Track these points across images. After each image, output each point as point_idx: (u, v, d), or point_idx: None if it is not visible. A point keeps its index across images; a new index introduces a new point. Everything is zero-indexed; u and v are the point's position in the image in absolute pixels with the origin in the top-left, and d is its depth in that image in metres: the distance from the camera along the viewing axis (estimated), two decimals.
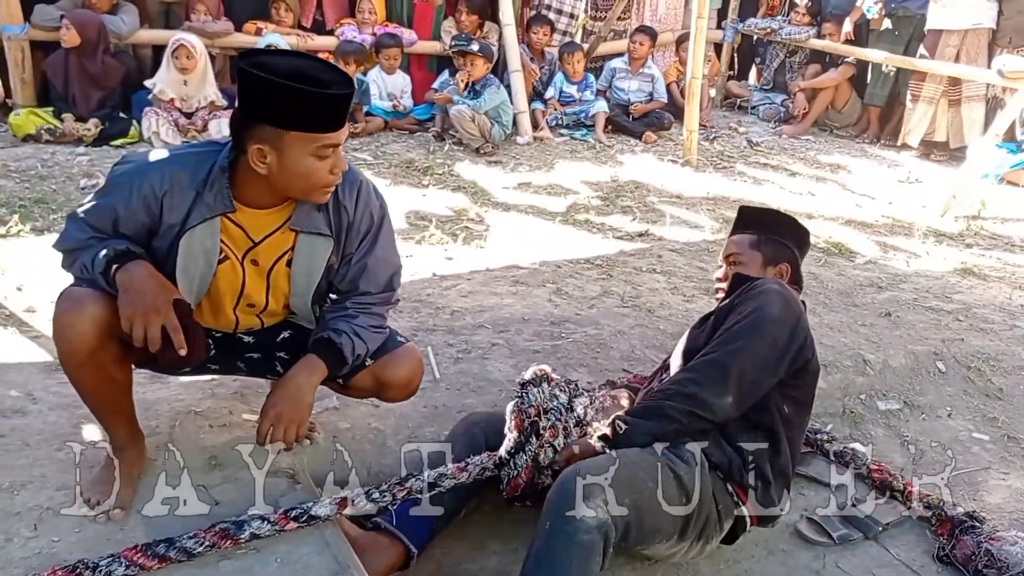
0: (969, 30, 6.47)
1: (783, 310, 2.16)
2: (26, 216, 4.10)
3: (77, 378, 2.02)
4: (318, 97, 1.80)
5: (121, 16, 5.83)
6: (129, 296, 1.87)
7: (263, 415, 2.05)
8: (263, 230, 2.04)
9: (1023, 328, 3.66)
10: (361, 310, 2.14)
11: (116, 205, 1.93)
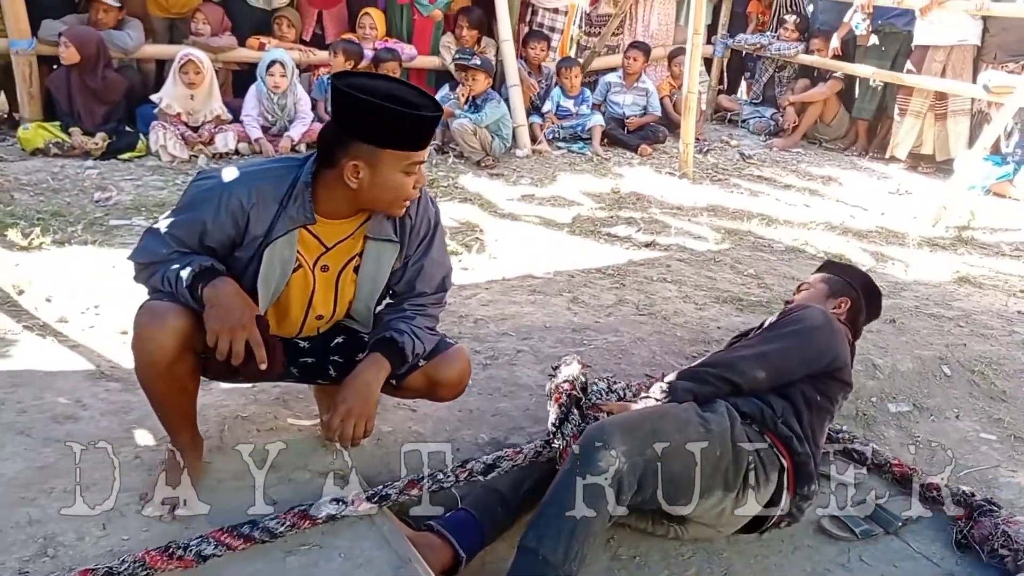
0: (955, 46, 6.68)
1: (824, 323, 2.39)
2: (46, 229, 4.15)
3: (153, 388, 2.11)
4: (413, 118, 1.92)
5: (127, 31, 5.89)
6: (216, 312, 1.96)
7: (334, 411, 2.10)
8: (336, 237, 2.14)
9: (1021, 334, 3.81)
10: (417, 311, 2.24)
11: (204, 218, 2.02)
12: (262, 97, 5.92)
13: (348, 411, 2.09)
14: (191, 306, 2.01)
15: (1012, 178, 6.39)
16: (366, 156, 1.95)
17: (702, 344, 3.38)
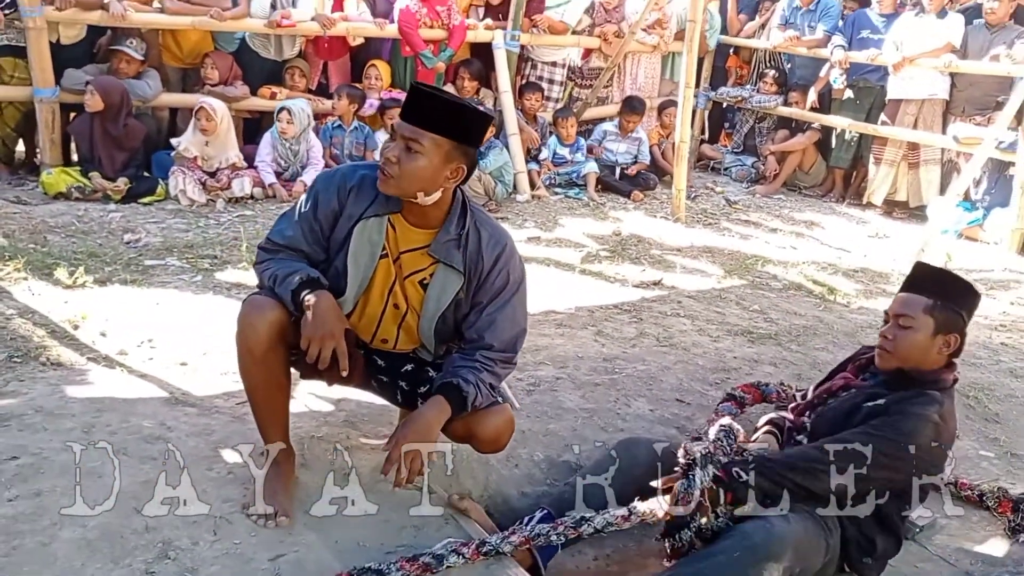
0: (926, 100, 7.14)
1: (931, 438, 2.33)
2: (87, 269, 4.32)
3: (250, 375, 2.36)
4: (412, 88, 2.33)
5: (146, 81, 6.12)
6: (313, 320, 2.22)
7: (394, 444, 2.26)
8: (408, 244, 2.39)
9: (1007, 363, 4.14)
10: (486, 366, 2.36)
11: (319, 189, 2.38)
12: (276, 143, 6.17)
13: (407, 447, 2.24)
14: (288, 306, 2.27)
15: (982, 222, 6.81)
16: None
17: (722, 372, 3.65)
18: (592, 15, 7.83)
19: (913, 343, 2.45)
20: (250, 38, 6.73)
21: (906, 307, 2.48)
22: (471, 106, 2.35)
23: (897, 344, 2.48)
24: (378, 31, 6.89)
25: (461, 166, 2.30)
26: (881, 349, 2.54)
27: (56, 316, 3.74)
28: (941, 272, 2.66)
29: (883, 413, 2.39)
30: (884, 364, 2.53)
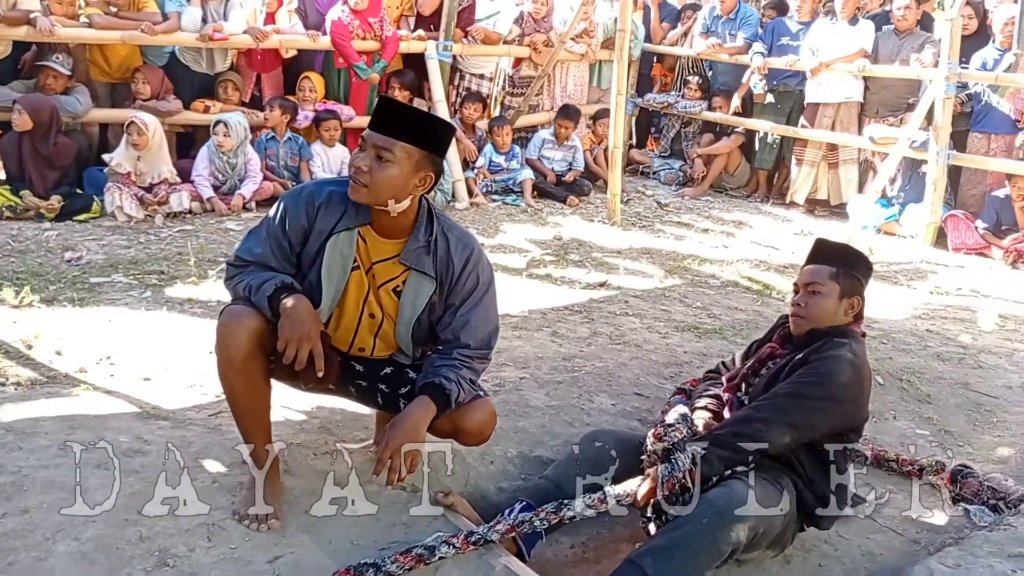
0: (842, 103, 7.51)
1: (851, 377, 2.55)
2: (34, 288, 4.24)
3: (232, 383, 2.40)
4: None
5: (75, 96, 6.01)
6: (290, 322, 2.29)
7: (384, 446, 2.34)
8: (379, 254, 2.46)
9: (934, 347, 4.41)
10: (464, 364, 2.47)
11: (287, 206, 2.43)
12: (213, 157, 6.12)
13: (397, 447, 2.34)
14: (265, 313, 2.33)
15: (898, 218, 7.19)
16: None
17: (675, 366, 3.81)
18: (521, 25, 7.98)
19: (823, 307, 2.70)
20: (180, 52, 6.66)
21: (814, 276, 2.74)
22: (438, 117, 2.46)
23: (809, 310, 2.73)
24: (311, 43, 6.90)
25: (429, 174, 2.39)
26: (795, 316, 2.78)
27: (7, 336, 3.68)
28: (840, 245, 2.97)
29: (803, 365, 2.63)
30: (798, 329, 2.76)
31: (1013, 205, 6.58)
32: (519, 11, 8.02)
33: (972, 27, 7.10)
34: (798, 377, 2.58)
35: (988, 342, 4.63)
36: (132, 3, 6.20)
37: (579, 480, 2.63)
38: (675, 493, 2.42)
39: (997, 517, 2.90)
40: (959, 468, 3.14)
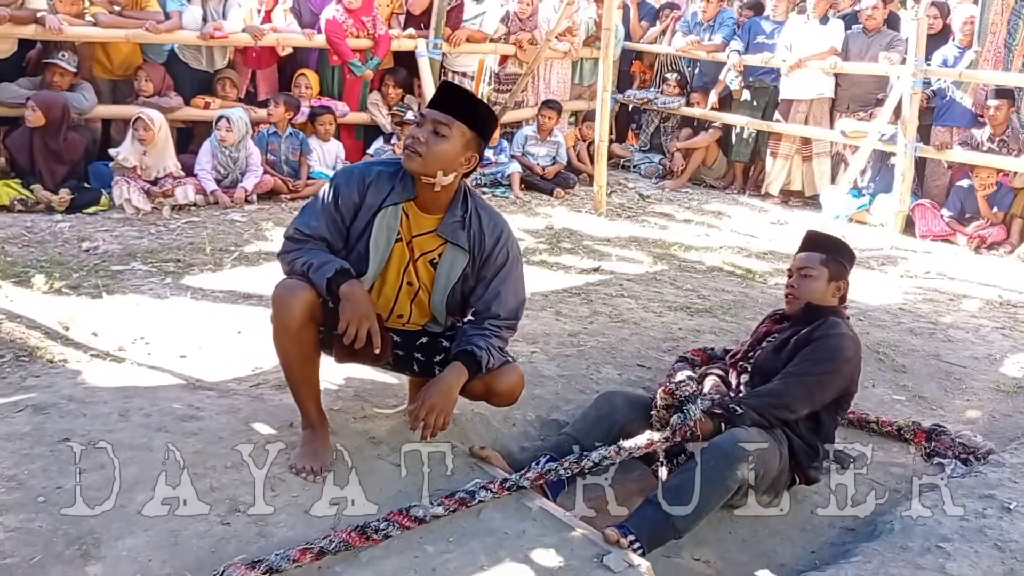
0: (815, 99, 7.88)
1: (853, 353, 2.96)
2: (62, 275, 4.44)
3: (287, 350, 2.66)
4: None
5: (81, 93, 6.19)
6: (350, 305, 2.54)
7: (420, 405, 2.61)
8: (419, 228, 2.72)
9: (906, 324, 4.76)
10: (494, 332, 2.73)
11: (339, 185, 2.68)
12: (215, 151, 6.33)
13: (432, 407, 2.60)
14: (320, 289, 2.58)
15: (868, 207, 7.56)
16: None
17: (672, 341, 4.11)
18: (507, 24, 8.24)
19: (814, 288, 3.10)
20: (180, 50, 6.86)
21: (807, 261, 3.14)
22: (490, 107, 2.73)
23: (801, 291, 3.12)
24: (307, 41, 7.13)
25: (475, 155, 2.67)
26: (790, 296, 3.17)
27: (44, 319, 3.88)
28: (828, 235, 3.39)
29: (807, 342, 2.98)
30: (792, 308, 3.16)
31: (976, 195, 6.98)
32: (505, 10, 8.28)
33: (938, 26, 7.49)
34: (809, 355, 2.93)
35: (955, 319, 4.99)
36: (135, 2, 6.40)
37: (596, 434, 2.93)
38: (686, 439, 2.72)
39: (968, 468, 3.23)
40: (933, 427, 3.48)
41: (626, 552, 2.38)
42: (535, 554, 2.37)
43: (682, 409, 2.77)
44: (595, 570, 2.32)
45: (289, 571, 2.20)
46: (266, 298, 4.29)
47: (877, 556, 2.58)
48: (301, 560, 2.22)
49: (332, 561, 2.28)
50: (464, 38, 7.86)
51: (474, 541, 2.41)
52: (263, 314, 4.09)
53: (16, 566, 2.16)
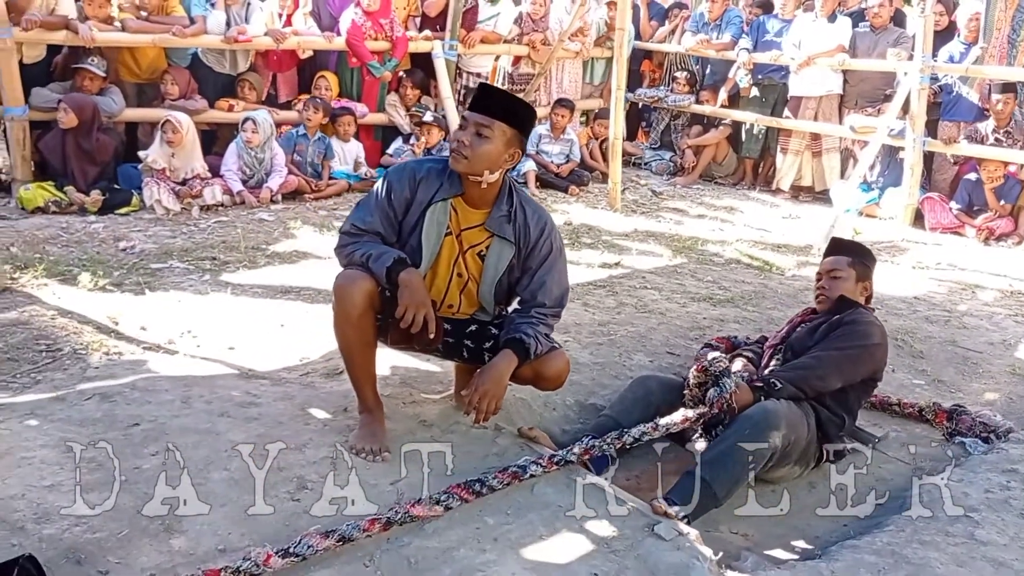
0: (824, 95, 8.02)
1: (881, 339, 3.20)
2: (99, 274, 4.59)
3: (347, 337, 2.81)
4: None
5: (111, 96, 6.34)
6: (409, 292, 2.70)
7: (473, 391, 2.76)
8: (468, 222, 2.87)
9: (922, 312, 4.91)
10: (540, 320, 2.87)
11: (392, 182, 2.83)
12: (241, 152, 6.48)
13: (484, 392, 2.75)
14: (379, 278, 2.73)
15: (878, 201, 7.71)
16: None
17: (698, 330, 4.25)
18: (520, 25, 8.39)
19: (844, 288, 3.34)
20: (203, 53, 7.01)
21: (835, 264, 3.41)
22: (528, 103, 2.88)
23: (832, 291, 3.36)
24: (327, 44, 7.27)
25: (517, 151, 2.81)
26: (822, 296, 3.40)
27: (93, 315, 4.03)
28: (852, 241, 3.75)
29: (838, 327, 3.21)
30: (824, 308, 3.38)
31: (983, 187, 7.12)
32: (518, 12, 8.42)
33: (943, 23, 7.64)
34: (841, 335, 3.15)
35: (969, 307, 5.13)
36: (161, 8, 6.54)
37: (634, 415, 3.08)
38: (723, 411, 2.89)
39: (989, 446, 3.38)
40: (954, 408, 3.62)
41: (675, 521, 2.53)
42: (589, 525, 2.52)
43: (717, 384, 2.93)
44: (647, 538, 2.46)
45: (360, 540, 2.35)
46: (303, 292, 4.51)
47: (909, 525, 2.73)
48: (371, 530, 2.37)
49: (399, 532, 2.42)
50: (479, 39, 8.00)
51: (531, 513, 2.56)
52: (303, 308, 4.30)
53: (105, 540, 2.30)
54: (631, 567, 2.35)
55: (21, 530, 2.26)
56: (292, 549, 2.25)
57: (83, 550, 2.25)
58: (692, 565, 2.37)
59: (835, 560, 2.55)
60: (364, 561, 2.31)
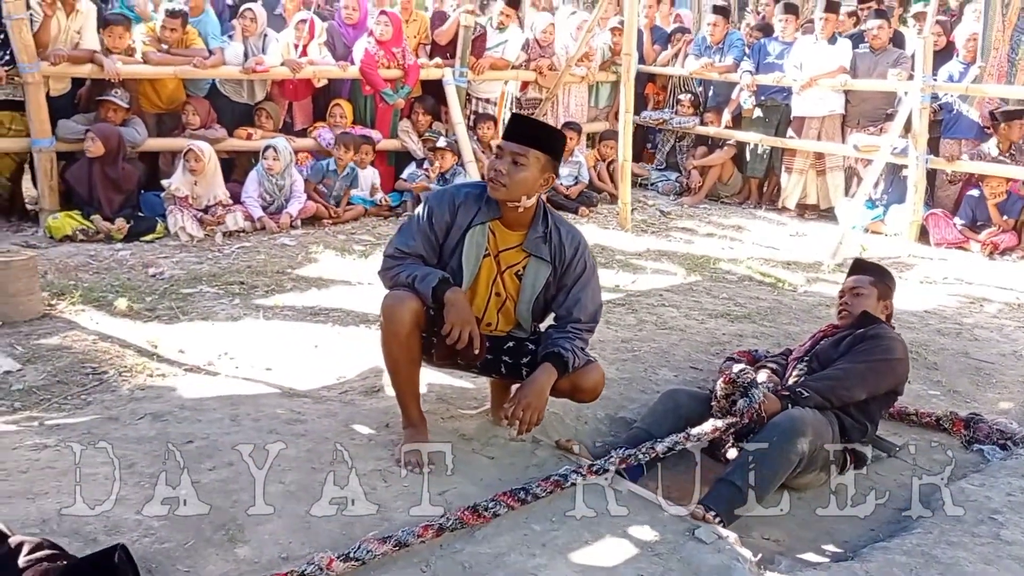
0: (826, 116, 8.19)
1: (903, 354, 3.35)
2: (133, 300, 4.71)
3: (395, 354, 2.94)
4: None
5: (134, 127, 6.50)
6: (455, 310, 2.83)
7: (516, 404, 2.88)
8: (505, 244, 3.01)
9: (934, 325, 5.03)
10: (576, 334, 3.01)
11: (433, 207, 2.97)
12: (262, 179, 6.63)
13: (527, 404, 2.88)
14: (425, 299, 2.86)
15: (883, 218, 7.86)
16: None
17: (718, 345, 4.38)
18: (528, 51, 8.58)
19: (866, 305, 3.52)
20: (221, 83, 7.18)
21: (858, 282, 3.61)
22: (558, 130, 3.04)
23: (855, 307, 3.54)
24: (342, 73, 7.45)
25: (551, 175, 2.96)
26: (844, 312, 3.57)
27: (132, 339, 4.16)
28: (873, 263, 3.90)
29: (862, 341, 3.35)
30: (845, 323, 3.54)
31: (986, 203, 7.27)
32: (525, 39, 8.61)
33: (941, 43, 7.83)
34: (866, 348, 3.29)
35: (978, 320, 5.26)
36: (181, 41, 6.71)
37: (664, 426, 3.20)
38: (753, 421, 3.02)
39: (1007, 453, 3.50)
40: (970, 416, 3.74)
41: (714, 526, 2.65)
42: (632, 530, 2.63)
43: (746, 394, 3.06)
44: (688, 542, 2.58)
45: (415, 546, 2.46)
46: (332, 315, 4.64)
47: (936, 527, 2.84)
48: (424, 535, 2.48)
49: (451, 538, 2.54)
50: (487, 66, 8.19)
51: (574, 520, 2.67)
52: (334, 330, 4.43)
53: (173, 549, 2.42)
54: (675, 569, 2.47)
55: (94, 542, 2.37)
56: (352, 554, 2.37)
57: (153, 559, 2.36)
58: (733, 566, 2.48)
59: (868, 561, 2.66)
60: (421, 567, 2.42)
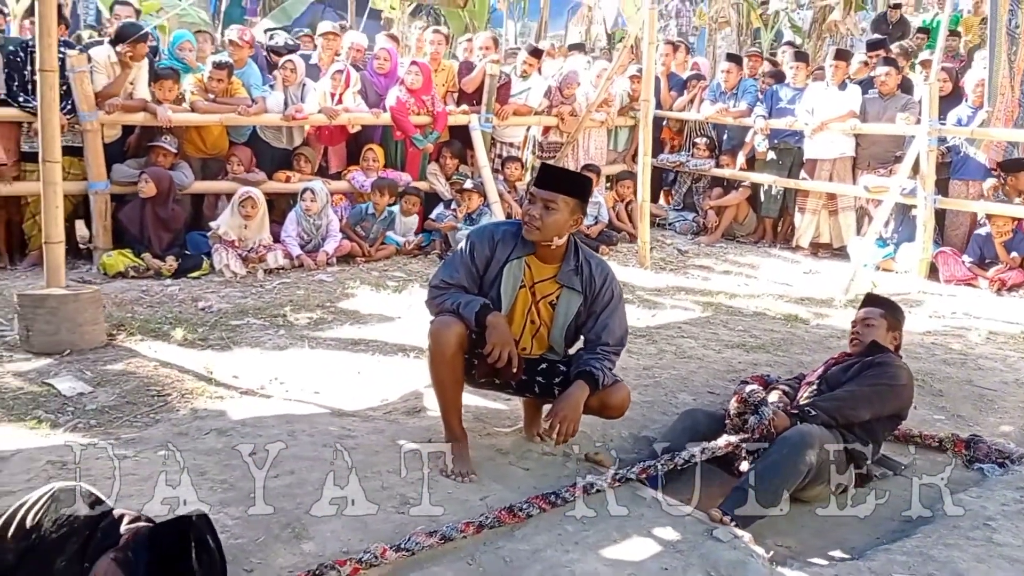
0: (837, 158, 8.53)
1: (908, 381, 3.63)
2: (187, 331, 5.07)
3: (441, 374, 3.26)
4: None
5: (182, 171, 6.91)
6: (496, 332, 3.17)
7: (554, 417, 3.20)
8: (540, 276, 3.34)
9: (939, 355, 5.30)
10: (605, 355, 3.34)
11: (475, 243, 3.31)
12: (300, 219, 7.01)
13: (564, 417, 3.20)
14: (468, 323, 3.18)
15: (894, 256, 8.14)
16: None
17: (734, 373, 4.66)
18: (550, 98, 8.99)
19: (876, 335, 3.81)
20: (261, 130, 7.62)
21: (869, 314, 3.90)
22: (585, 175, 3.38)
23: (865, 337, 3.85)
24: (374, 119, 7.86)
25: (580, 216, 3.29)
26: (856, 341, 3.89)
27: (190, 366, 4.50)
28: (884, 297, 4.20)
29: (870, 367, 3.65)
30: (856, 351, 3.83)
31: (993, 241, 7.55)
32: (547, 86, 9.02)
33: (947, 89, 8.16)
34: (873, 374, 3.58)
35: (983, 351, 5.52)
36: (226, 91, 7.15)
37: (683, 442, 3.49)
38: (763, 436, 3.30)
39: (1004, 470, 3.75)
40: (971, 437, 4.00)
41: (730, 527, 2.93)
42: (656, 531, 2.92)
43: (756, 412, 3.35)
44: (707, 541, 2.87)
45: (459, 540, 2.76)
46: (372, 344, 4.97)
47: (935, 533, 3.11)
48: (466, 531, 2.80)
49: (492, 535, 2.84)
50: (511, 112, 8.60)
51: (603, 522, 2.97)
52: (375, 358, 4.76)
53: (246, 545, 2.73)
54: (695, 564, 2.75)
55: None
56: (403, 545, 2.69)
57: (230, 553, 2.65)
58: (748, 562, 2.76)
59: (871, 560, 2.93)
60: (467, 560, 2.72)
